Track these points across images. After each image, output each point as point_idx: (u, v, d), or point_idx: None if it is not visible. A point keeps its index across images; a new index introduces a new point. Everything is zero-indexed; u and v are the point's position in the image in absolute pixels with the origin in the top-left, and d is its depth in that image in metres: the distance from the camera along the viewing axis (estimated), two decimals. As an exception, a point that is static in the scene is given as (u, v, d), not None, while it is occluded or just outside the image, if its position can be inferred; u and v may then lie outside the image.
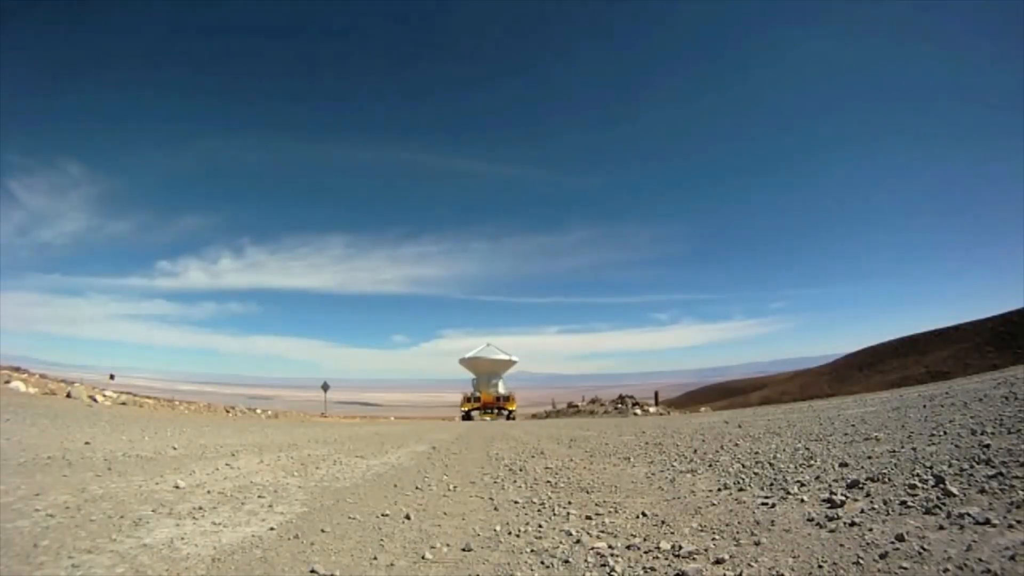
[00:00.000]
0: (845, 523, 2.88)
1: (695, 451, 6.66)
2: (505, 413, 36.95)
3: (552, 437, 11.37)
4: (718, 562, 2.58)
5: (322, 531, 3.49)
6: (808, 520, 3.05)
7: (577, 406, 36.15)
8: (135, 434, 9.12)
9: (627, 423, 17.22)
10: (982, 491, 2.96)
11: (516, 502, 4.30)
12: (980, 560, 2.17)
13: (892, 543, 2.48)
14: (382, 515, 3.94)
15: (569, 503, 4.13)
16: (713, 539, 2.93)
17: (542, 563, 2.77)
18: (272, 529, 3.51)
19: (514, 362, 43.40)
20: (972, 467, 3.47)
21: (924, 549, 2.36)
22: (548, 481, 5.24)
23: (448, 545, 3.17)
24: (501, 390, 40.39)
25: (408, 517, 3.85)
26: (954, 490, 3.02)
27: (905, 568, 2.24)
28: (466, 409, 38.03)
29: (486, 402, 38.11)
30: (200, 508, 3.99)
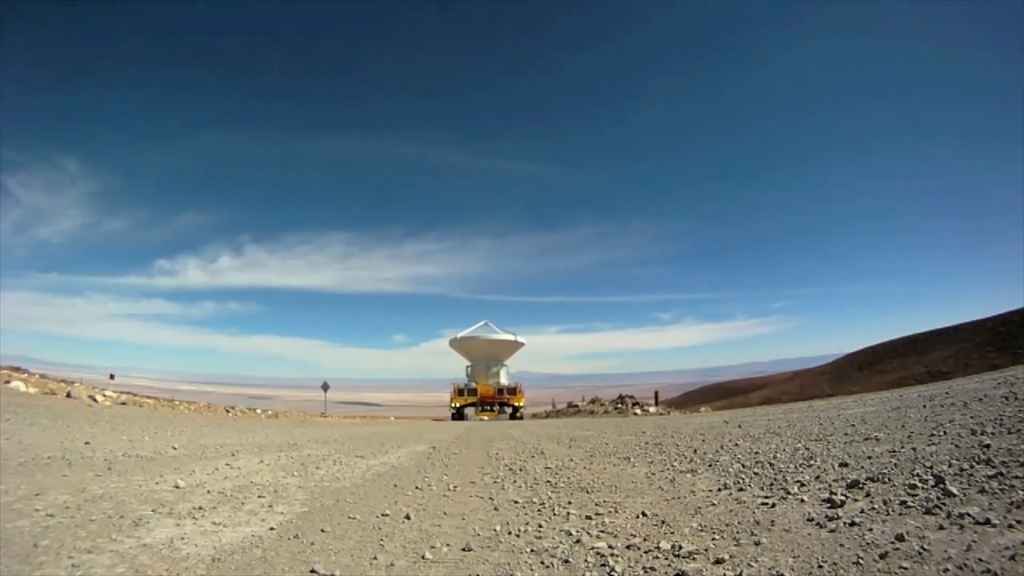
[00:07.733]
0: (845, 523, 2.88)
1: (695, 451, 6.66)
2: (509, 410, 29.28)
3: (552, 437, 11.37)
4: (718, 562, 2.58)
5: (322, 531, 3.49)
6: (808, 520, 3.05)
7: (577, 406, 33.89)
8: (135, 434, 9.12)
9: (627, 423, 17.22)
10: (982, 491, 2.96)
11: (516, 502, 4.30)
12: (980, 560, 2.17)
13: (892, 543, 2.48)
14: (382, 515, 3.94)
15: (569, 503, 4.13)
16: (713, 539, 2.93)
17: (542, 563, 2.77)
18: (272, 529, 3.51)
19: (521, 344, 34.48)
20: (972, 467, 3.47)
21: (924, 549, 2.36)
22: (548, 481, 5.24)
23: (448, 545, 3.17)
24: (504, 380, 31.55)
25: (408, 517, 3.85)
26: (954, 490, 3.02)
27: (905, 568, 2.24)
28: (458, 405, 29.39)
29: (484, 396, 29.51)
30: (200, 508, 3.99)
